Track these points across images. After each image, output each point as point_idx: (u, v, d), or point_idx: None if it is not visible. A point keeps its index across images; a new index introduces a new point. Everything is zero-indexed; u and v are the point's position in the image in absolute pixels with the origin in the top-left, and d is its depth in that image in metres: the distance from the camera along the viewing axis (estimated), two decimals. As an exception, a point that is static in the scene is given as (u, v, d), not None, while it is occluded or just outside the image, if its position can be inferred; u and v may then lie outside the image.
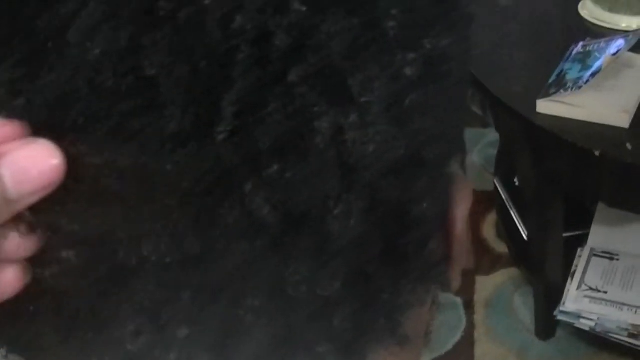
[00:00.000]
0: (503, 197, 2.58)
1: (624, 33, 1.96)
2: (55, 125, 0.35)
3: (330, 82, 0.35)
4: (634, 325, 2.18)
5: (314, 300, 0.38)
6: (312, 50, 0.35)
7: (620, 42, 1.87)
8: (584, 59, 1.86)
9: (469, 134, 3.15)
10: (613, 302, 2.24)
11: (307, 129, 0.35)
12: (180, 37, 0.34)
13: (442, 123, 0.41)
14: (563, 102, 1.75)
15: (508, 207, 2.55)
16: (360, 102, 0.36)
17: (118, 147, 0.35)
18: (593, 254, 2.36)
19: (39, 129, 0.35)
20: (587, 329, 2.22)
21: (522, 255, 2.48)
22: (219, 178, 0.35)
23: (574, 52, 1.91)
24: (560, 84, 1.79)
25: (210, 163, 0.35)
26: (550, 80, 1.83)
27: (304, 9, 0.35)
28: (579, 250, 2.38)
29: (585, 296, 2.26)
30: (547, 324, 2.39)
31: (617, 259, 2.35)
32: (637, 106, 1.74)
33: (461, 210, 0.46)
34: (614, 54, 1.81)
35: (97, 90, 0.35)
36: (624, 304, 2.23)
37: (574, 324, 2.25)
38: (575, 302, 2.25)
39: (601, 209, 2.42)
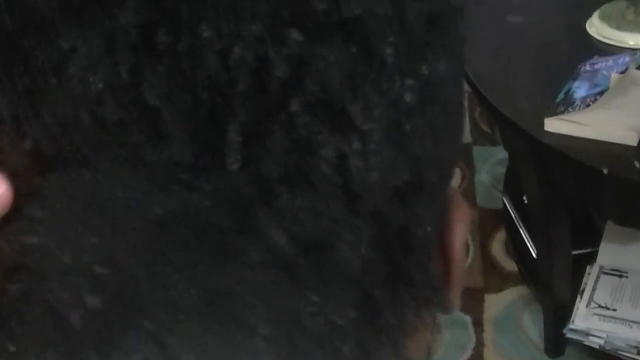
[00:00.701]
0: (512, 215, 2.58)
1: (632, 51, 1.96)
2: (61, 160, 0.36)
3: (332, 111, 0.36)
4: (643, 343, 2.18)
5: (326, 328, 0.39)
6: (312, 79, 0.35)
7: (627, 60, 1.87)
8: (592, 77, 1.87)
9: (478, 152, 3.15)
10: (622, 320, 2.23)
11: (313, 157, 0.36)
12: (180, 69, 0.34)
13: (442, 146, 0.41)
14: (571, 121, 1.75)
15: (517, 225, 2.55)
16: (362, 129, 0.36)
17: (126, 180, 0.35)
18: (602, 272, 2.36)
19: (45, 163, 0.36)
20: (596, 346, 2.22)
21: (532, 274, 2.48)
22: (235, 210, 0.36)
23: (582, 70, 1.91)
24: (568, 103, 1.80)
25: (226, 195, 0.35)
26: (559, 99, 1.83)
27: (302, 38, 0.35)
28: (588, 268, 2.38)
29: (595, 314, 2.26)
30: (556, 342, 2.38)
31: (627, 277, 2.34)
32: (645, 124, 1.74)
33: (460, 232, 0.46)
34: (622, 72, 1.82)
35: (100, 123, 0.35)
36: (633, 322, 2.23)
37: (583, 342, 2.24)
38: (584, 320, 2.25)
39: (610, 227, 2.42)
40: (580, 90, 1.83)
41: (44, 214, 0.36)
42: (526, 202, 2.42)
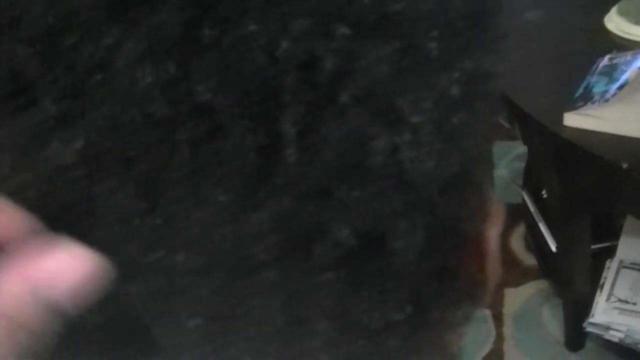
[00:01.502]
0: (531, 209, 2.58)
1: (651, 46, 1.96)
2: (112, 160, 0.36)
3: (381, 104, 0.36)
4: (663, 337, 2.17)
5: (380, 323, 0.39)
6: (360, 73, 0.36)
7: (646, 55, 1.87)
8: (611, 72, 1.86)
9: (497, 147, 3.14)
10: (642, 314, 2.23)
11: (366, 149, 0.36)
12: (227, 63, 0.35)
13: (485, 140, 0.42)
14: (590, 115, 1.75)
15: (536, 219, 2.54)
16: (411, 122, 0.37)
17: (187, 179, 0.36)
18: (622, 265, 2.36)
19: (96, 165, 0.36)
20: (616, 340, 2.21)
21: (551, 268, 2.48)
22: (297, 205, 0.36)
23: (601, 65, 1.91)
24: (587, 97, 1.80)
25: (288, 188, 0.36)
26: (577, 94, 1.83)
27: (349, 32, 0.35)
28: (607, 262, 2.37)
29: (615, 308, 2.25)
30: (576, 336, 2.38)
31: (646, 271, 2.34)
32: (664, 119, 1.74)
33: (495, 228, 0.46)
34: (641, 67, 1.82)
35: (151, 120, 0.35)
36: (653, 316, 2.23)
37: (603, 335, 2.24)
38: (604, 313, 2.24)
39: (630, 221, 2.41)
40: (599, 85, 1.83)
41: None
42: (545, 196, 2.42)
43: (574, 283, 2.27)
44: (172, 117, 0.35)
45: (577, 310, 2.31)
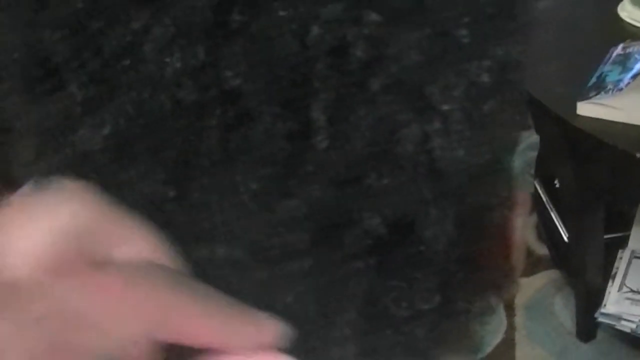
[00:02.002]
0: (543, 199, 2.57)
1: (664, 35, 1.95)
2: (140, 146, 0.36)
3: (411, 91, 0.36)
4: (675, 327, 2.17)
5: (408, 313, 0.39)
6: (390, 60, 0.35)
7: (660, 44, 1.86)
8: (624, 61, 1.86)
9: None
10: (654, 304, 2.23)
11: (396, 136, 0.36)
12: (256, 48, 0.34)
13: (514, 128, 0.42)
14: (603, 105, 1.74)
15: (548, 209, 2.54)
16: (442, 110, 0.37)
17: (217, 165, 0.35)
18: (634, 256, 2.35)
19: (124, 149, 0.36)
20: (628, 330, 2.21)
21: (563, 258, 2.48)
22: (327, 193, 0.36)
23: (614, 54, 1.90)
24: (601, 87, 1.79)
25: (317, 177, 0.36)
26: (590, 83, 1.82)
27: (379, 19, 0.35)
28: (619, 252, 2.37)
29: (627, 298, 2.25)
30: (587, 326, 2.38)
31: (658, 261, 2.34)
32: (677, 108, 1.73)
33: (520, 217, 0.46)
34: (654, 56, 1.81)
35: (180, 105, 0.35)
36: (665, 306, 2.22)
37: (614, 325, 2.24)
38: (616, 304, 2.24)
39: (642, 211, 2.41)
40: (612, 74, 1.83)
41: None
42: (557, 186, 2.41)
43: (586, 273, 2.27)
44: (200, 103, 0.35)
45: (588, 300, 2.31)
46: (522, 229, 0.46)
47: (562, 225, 2.45)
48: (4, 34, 0.38)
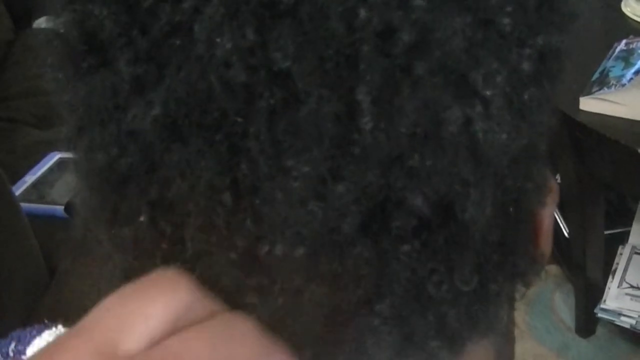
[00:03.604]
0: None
1: (668, 31, 1.95)
2: (189, 126, 0.36)
3: (454, 76, 0.36)
4: (674, 324, 2.17)
5: (448, 295, 0.39)
6: (435, 45, 0.36)
7: (663, 40, 1.86)
8: (627, 56, 1.86)
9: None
10: (654, 300, 2.23)
11: (439, 119, 0.36)
12: (304, 30, 0.35)
13: (551, 116, 0.42)
14: (606, 100, 1.74)
15: (549, 204, 2.53)
16: (484, 95, 0.37)
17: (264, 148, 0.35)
18: (634, 251, 2.35)
19: (170, 132, 0.36)
20: (627, 326, 2.21)
21: (563, 253, 2.47)
22: (373, 174, 0.36)
23: (617, 50, 1.90)
24: (603, 82, 1.79)
25: (363, 159, 0.36)
26: (593, 78, 1.82)
27: (424, 3, 0.36)
28: (620, 247, 2.37)
29: (626, 294, 2.25)
30: (587, 321, 2.38)
31: (659, 257, 2.34)
32: (680, 104, 1.73)
33: (550, 207, 0.46)
34: (658, 52, 1.81)
35: (229, 87, 0.35)
36: (664, 302, 2.22)
37: (614, 321, 2.24)
38: (616, 299, 2.24)
39: (643, 207, 2.41)
40: (615, 69, 1.82)
41: None
42: (559, 181, 2.41)
43: (586, 269, 2.27)
44: (250, 85, 0.35)
45: (589, 296, 2.31)
46: (551, 216, 0.46)
47: (562, 221, 2.45)
48: (52, 7, 0.38)
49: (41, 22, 2.65)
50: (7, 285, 1.57)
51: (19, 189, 1.94)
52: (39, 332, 0.59)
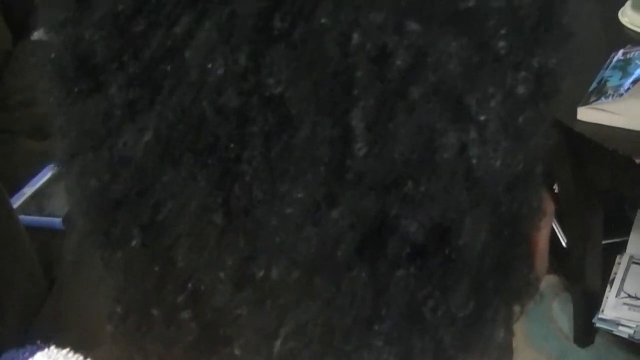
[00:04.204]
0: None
1: (665, 40, 1.95)
2: (181, 151, 0.36)
3: (449, 100, 0.36)
4: (673, 333, 2.17)
5: (444, 321, 0.39)
6: (430, 69, 0.36)
7: (661, 50, 1.86)
8: (625, 66, 1.86)
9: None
10: (652, 310, 2.23)
11: (434, 144, 0.36)
12: (298, 55, 0.35)
13: (547, 138, 0.42)
14: (604, 110, 1.74)
15: (547, 214, 2.53)
16: (479, 119, 0.37)
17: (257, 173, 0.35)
18: (632, 261, 2.35)
19: (162, 156, 0.36)
20: (625, 336, 2.21)
21: (561, 263, 2.47)
22: (368, 200, 0.36)
23: (615, 59, 1.90)
24: (601, 92, 1.79)
25: (357, 184, 0.36)
26: (591, 88, 1.82)
27: (419, 28, 0.35)
28: (618, 257, 2.37)
29: (624, 303, 2.25)
30: (585, 331, 2.37)
31: (657, 267, 2.34)
32: (678, 114, 1.72)
33: (546, 226, 0.46)
34: (655, 62, 1.81)
35: (222, 112, 0.35)
36: (663, 312, 2.22)
37: (612, 331, 2.24)
38: (614, 309, 2.24)
39: (640, 216, 2.41)
40: (612, 79, 1.82)
41: None
42: (556, 191, 2.41)
43: (584, 278, 2.27)
44: (243, 110, 0.35)
45: (587, 305, 2.31)
46: (547, 239, 0.46)
47: (560, 231, 2.45)
48: (46, 30, 0.38)
49: (40, 34, 2.65)
50: (5, 297, 1.56)
51: (17, 201, 1.94)
52: (32, 354, 0.59)
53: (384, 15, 0.35)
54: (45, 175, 2.01)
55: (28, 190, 1.99)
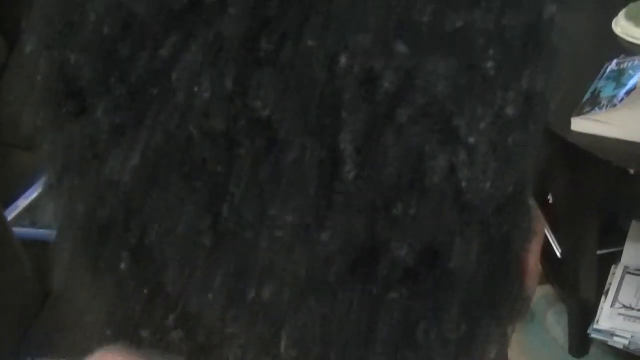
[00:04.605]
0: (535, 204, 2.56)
1: (659, 51, 1.95)
2: (169, 175, 0.36)
3: (438, 123, 0.36)
4: (668, 344, 2.16)
5: (436, 344, 0.39)
6: (418, 91, 0.35)
7: (654, 60, 1.86)
8: (619, 77, 1.86)
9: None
10: (647, 320, 2.23)
11: (423, 167, 0.36)
12: (285, 78, 0.34)
13: (537, 158, 0.41)
14: (598, 120, 1.74)
15: (541, 224, 2.53)
16: (468, 142, 0.37)
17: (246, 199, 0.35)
18: (627, 271, 2.35)
19: (150, 180, 0.36)
20: (620, 347, 2.21)
21: (556, 273, 2.47)
22: (357, 223, 0.36)
23: (608, 70, 1.91)
24: (595, 102, 1.79)
25: (346, 207, 0.36)
26: (585, 99, 1.83)
27: (407, 50, 0.35)
28: (612, 267, 2.36)
29: (619, 314, 2.25)
30: (580, 341, 2.37)
31: (651, 277, 2.33)
32: (672, 124, 1.73)
33: (536, 246, 0.46)
34: (649, 72, 1.81)
35: (209, 136, 0.35)
36: (658, 323, 2.22)
37: (607, 342, 2.23)
38: (609, 320, 2.24)
39: (635, 227, 2.40)
40: (606, 89, 1.83)
41: None
42: (551, 201, 2.41)
43: (579, 288, 2.27)
44: (230, 133, 0.35)
45: (582, 316, 2.30)
46: (537, 258, 0.46)
47: (555, 241, 2.45)
48: (32, 52, 0.38)
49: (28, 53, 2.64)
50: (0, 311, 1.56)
51: (11, 214, 1.94)
52: None
53: (371, 37, 0.35)
54: (39, 188, 2.01)
55: (22, 203, 1.99)
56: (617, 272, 2.35)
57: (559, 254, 2.41)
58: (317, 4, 0.35)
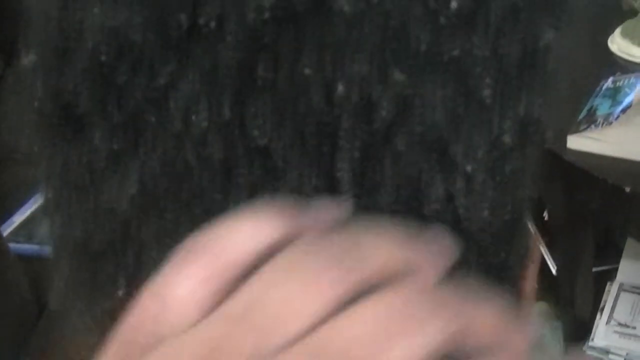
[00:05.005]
0: (532, 231, 2.56)
1: (654, 69, 1.96)
2: (166, 202, 0.35)
3: (435, 150, 0.36)
4: (663, 361, 2.16)
5: None
6: (415, 119, 0.35)
7: (650, 78, 1.87)
8: (614, 94, 1.86)
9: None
10: (642, 338, 2.22)
11: (420, 196, 0.36)
12: (282, 105, 0.34)
13: (534, 184, 0.41)
14: (593, 138, 1.75)
15: (537, 241, 2.54)
16: (465, 170, 0.37)
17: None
18: (622, 289, 2.35)
19: (147, 207, 0.36)
20: (615, 364, 2.21)
21: (551, 290, 2.47)
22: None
23: (604, 87, 1.91)
24: (591, 120, 1.80)
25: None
26: (581, 116, 1.83)
27: (404, 77, 0.35)
28: (608, 285, 2.36)
29: (615, 331, 2.24)
30: (575, 358, 2.37)
31: (646, 294, 2.33)
32: (668, 142, 1.73)
33: (532, 267, 0.46)
34: (645, 90, 1.82)
35: (207, 163, 0.35)
36: (653, 340, 2.22)
37: (602, 359, 2.23)
38: (604, 337, 2.24)
39: (630, 244, 2.40)
40: (602, 107, 1.83)
41: None
42: (546, 218, 2.41)
43: (574, 306, 2.27)
44: (227, 160, 0.35)
45: (577, 333, 2.30)
46: (532, 282, 0.46)
47: (550, 258, 2.45)
48: (28, 78, 0.38)
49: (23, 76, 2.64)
50: (-5, 326, 1.56)
51: (7, 229, 1.94)
52: None
53: (368, 65, 0.35)
54: (35, 203, 2.01)
55: (18, 219, 1.99)
56: (612, 289, 2.35)
57: (554, 271, 2.41)
58: (314, 31, 0.35)
